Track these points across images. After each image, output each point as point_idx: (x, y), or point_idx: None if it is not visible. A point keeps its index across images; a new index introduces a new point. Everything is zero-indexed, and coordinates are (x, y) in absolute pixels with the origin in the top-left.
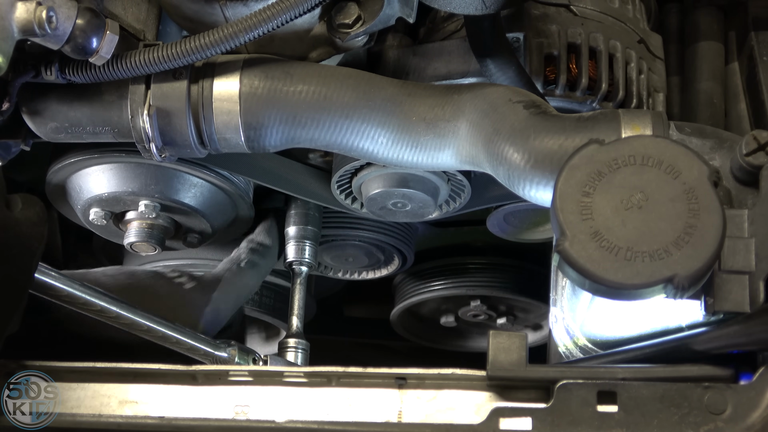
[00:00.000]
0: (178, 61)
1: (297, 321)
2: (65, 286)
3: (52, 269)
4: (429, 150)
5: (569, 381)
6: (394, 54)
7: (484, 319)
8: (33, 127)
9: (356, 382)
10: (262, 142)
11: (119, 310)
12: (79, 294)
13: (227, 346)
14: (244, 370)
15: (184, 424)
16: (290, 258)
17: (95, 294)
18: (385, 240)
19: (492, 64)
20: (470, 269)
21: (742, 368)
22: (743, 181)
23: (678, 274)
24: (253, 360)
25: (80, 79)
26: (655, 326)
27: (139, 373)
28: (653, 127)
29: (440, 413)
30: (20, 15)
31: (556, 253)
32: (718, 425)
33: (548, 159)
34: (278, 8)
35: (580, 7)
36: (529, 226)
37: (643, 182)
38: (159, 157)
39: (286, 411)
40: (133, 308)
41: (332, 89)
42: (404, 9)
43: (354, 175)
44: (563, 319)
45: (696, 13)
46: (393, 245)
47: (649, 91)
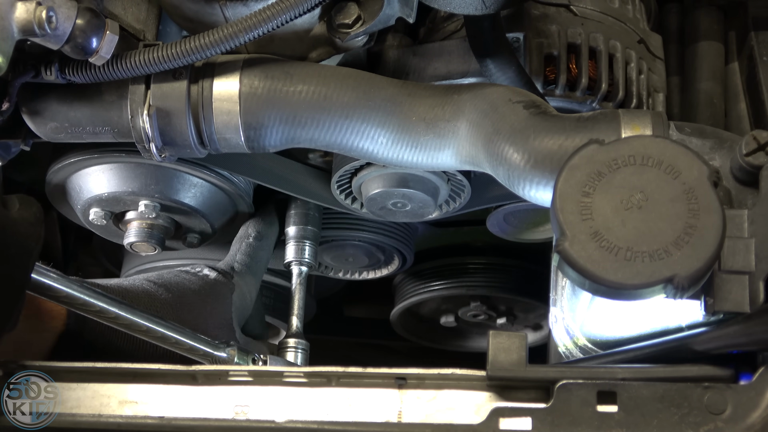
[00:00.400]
0: (178, 61)
1: (297, 321)
2: (64, 287)
3: (51, 270)
4: (429, 150)
5: (569, 381)
6: (394, 54)
7: (484, 319)
8: (33, 127)
9: (356, 382)
10: (262, 142)
11: (118, 310)
12: (77, 295)
13: (226, 346)
14: (244, 370)
15: (183, 424)
16: (290, 258)
17: (94, 295)
18: (384, 240)
19: (492, 64)
20: (470, 269)
21: (742, 368)
22: (743, 181)
23: (678, 274)
24: (252, 360)
25: (80, 79)
26: (655, 326)
27: (138, 373)
28: (653, 127)
29: (440, 413)
30: (20, 15)
31: (556, 253)
32: (718, 425)
33: (548, 159)
34: (278, 8)
35: (580, 7)
36: (529, 226)
37: (643, 182)
38: (159, 157)
39: (286, 411)
40: (132, 308)
41: (332, 89)
42: (404, 9)
43: (354, 175)
44: (563, 319)
45: (696, 13)
46: (393, 246)
47: (649, 91)
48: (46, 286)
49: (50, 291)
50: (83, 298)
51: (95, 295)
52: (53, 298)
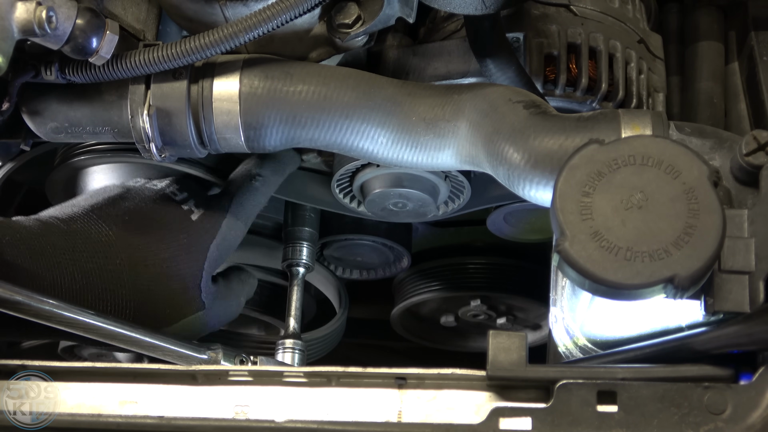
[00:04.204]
0: (178, 61)
1: (294, 322)
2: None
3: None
4: (429, 150)
5: (569, 381)
6: (394, 54)
7: (484, 319)
8: (33, 127)
9: (356, 382)
10: (261, 142)
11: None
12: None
13: (207, 349)
14: (244, 370)
15: (183, 424)
16: (287, 259)
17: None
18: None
19: (492, 64)
20: (470, 269)
21: (742, 368)
22: (743, 181)
23: (678, 274)
24: (240, 361)
25: (80, 79)
26: (655, 326)
27: (138, 373)
28: (653, 127)
29: (440, 413)
30: (20, 15)
31: (556, 253)
32: (718, 425)
33: (548, 159)
34: (278, 8)
35: (580, 7)
36: (529, 227)
37: (643, 182)
38: (159, 157)
39: (285, 411)
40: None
41: (332, 89)
42: (404, 9)
43: (354, 175)
44: (563, 319)
45: (696, 13)
46: (402, 246)
47: (649, 91)
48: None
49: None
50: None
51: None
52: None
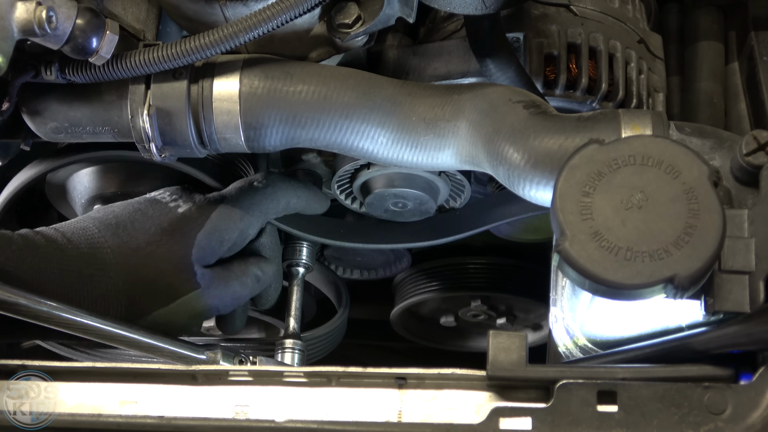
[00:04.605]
0: (178, 61)
1: (294, 322)
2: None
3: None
4: (429, 150)
5: (569, 381)
6: (394, 54)
7: (484, 319)
8: (33, 127)
9: (356, 382)
10: (261, 142)
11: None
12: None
13: (206, 350)
14: (244, 370)
15: (183, 424)
16: (287, 259)
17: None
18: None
19: (492, 64)
20: (470, 269)
21: (742, 368)
22: (743, 181)
23: (678, 274)
24: (240, 361)
25: (80, 79)
26: (655, 326)
27: (138, 373)
28: (653, 127)
29: (440, 413)
30: (20, 15)
31: (556, 253)
32: (718, 425)
33: (548, 159)
34: (278, 8)
35: (580, 7)
36: (528, 226)
37: (643, 182)
38: (159, 156)
39: (285, 411)
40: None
41: (332, 89)
42: (404, 9)
43: (354, 175)
44: (563, 319)
45: (696, 13)
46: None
47: (649, 91)
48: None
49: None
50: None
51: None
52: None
